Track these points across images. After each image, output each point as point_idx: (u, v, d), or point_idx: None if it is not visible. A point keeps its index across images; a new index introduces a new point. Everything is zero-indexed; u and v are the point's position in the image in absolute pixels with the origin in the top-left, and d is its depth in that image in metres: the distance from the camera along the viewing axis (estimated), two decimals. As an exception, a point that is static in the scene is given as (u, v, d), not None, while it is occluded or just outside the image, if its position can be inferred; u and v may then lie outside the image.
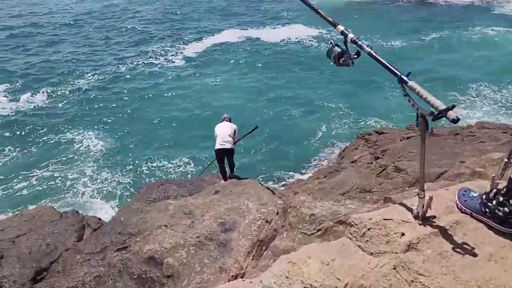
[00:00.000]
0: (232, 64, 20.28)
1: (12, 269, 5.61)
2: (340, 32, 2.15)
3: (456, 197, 2.17)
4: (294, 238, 4.60)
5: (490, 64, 18.74)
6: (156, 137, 13.74)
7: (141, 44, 23.74)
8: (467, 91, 16.03)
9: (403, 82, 1.86)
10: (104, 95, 17.16)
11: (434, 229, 1.99)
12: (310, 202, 5.04)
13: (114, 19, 30.13)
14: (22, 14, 32.08)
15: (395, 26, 25.68)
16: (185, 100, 16.42)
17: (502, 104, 15.12)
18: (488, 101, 15.40)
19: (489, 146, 6.99)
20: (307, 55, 20.92)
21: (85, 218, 7.24)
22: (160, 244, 5.41)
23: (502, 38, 22.49)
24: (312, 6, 2.26)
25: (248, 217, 5.77)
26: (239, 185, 7.02)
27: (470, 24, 25.36)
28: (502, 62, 18.89)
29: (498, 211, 1.88)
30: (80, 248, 5.93)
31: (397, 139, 8.53)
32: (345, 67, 2.25)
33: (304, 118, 14.50)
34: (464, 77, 17.34)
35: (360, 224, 2.21)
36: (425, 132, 1.86)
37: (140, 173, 11.73)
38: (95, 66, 20.45)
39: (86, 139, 13.77)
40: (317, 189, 6.84)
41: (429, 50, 21.28)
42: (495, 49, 20.86)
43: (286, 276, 2.13)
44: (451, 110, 1.66)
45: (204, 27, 27.17)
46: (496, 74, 17.36)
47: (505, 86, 16.37)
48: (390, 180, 6.55)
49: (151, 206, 6.63)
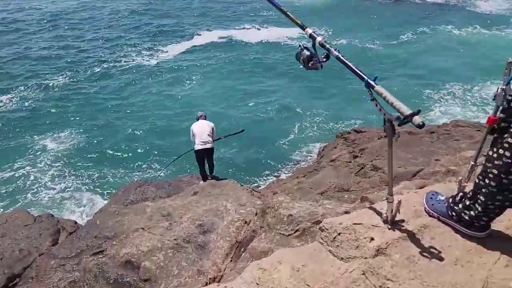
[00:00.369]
0: (209, 66, 20.07)
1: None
2: (309, 35, 2.13)
3: (424, 201, 2.18)
4: (272, 239, 4.60)
5: (463, 63, 19.09)
6: (132, 138, 13.50)
7: (116, 44, 23.20)
8: (441, 90, 16.33)
9: (370, 87, 1.86)
10: (77, 95, 16.78)
11: (402, 234, 2.00)
12: (288, 202, 5.04)
13: (90, 17, 29.39)
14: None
15: (370, 25, 25.81)
16: (161, 101, 16.23)
17: (475, 102, 15.46)
18: (462, 99, 15.73)
19: (463, 144, 7.13)
20: (286, 57, 20.83)
21: (60, 221, 7.08)
22: (137, 247, 5.32)
23: (475, 38, 22.95)
24: (280, 8, 2.23)
25: (227, 219, 5.74)
26: (218, 186, 6.98)
27: (444, 23, 25.72)
28: (475, 61, 19.28)
29: (464, 215, 1.89)
30: (55, 253, 5.79)
31: (375, 137, 8.62)
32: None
33: (282, 119, 14.52)
34: (439, 76, 17.65)
35: (331, 229, 2.20)
36: (392, 137, 1.85)
37: (117, 175, 11.52)
38: (68, 65, 19.94)
39: (60, 140, 13.45)
40: (296, 188, 6.85)
41: (404, 50, 21.51)
42: (468, 48, 21.26)
43: (256, 283, 2.11)
44: (416, 115, 1.66)
45: (181, 28, 26.71)
46: (469, 73, 17.73)
47: (478, 84, 16.75)
48: (367, 179, 6.61)
49: (128, 208, 6.52)
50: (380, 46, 22.13)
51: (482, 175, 1.79)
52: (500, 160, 1.68)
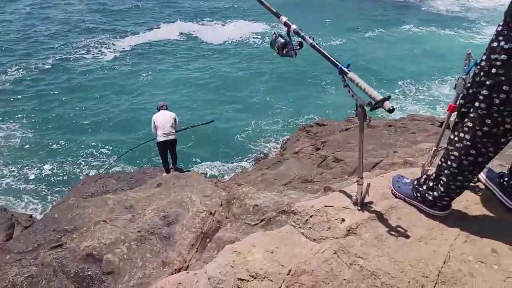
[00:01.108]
0: (169, 60, 19.61)
1: None
2: (283, 23, 2.17)
3: (390, 184, 2.30)
4: (238, 229, 4.64)
5: (416, 62, 19.93)
6: (90, 131, 13.04)
7: (72, 36, 22.13)
8: (396, 87, 17.03)
9: (343, 73, 1.93)
10: (30, 88, 15.92)
11: (371, 214, 2.10)
12: (253, 193, 5.10)
13: (44, 7, 27.92)
14: None
15: (330, 21, 26.27)
16: (118, 93, 15.74)
17: (427, 99, 16.25)
18: (415, 97, 16.48)
19: (418, 137, 7.49)
20: (250, 51, 20.84)
21: (14, 215, 6.76)
22: (99, 240, 5.19)
23: (429, 37, 24.04)
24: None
25: (192, 210, 5.71)
26: (182, 178, 6.92)
27: (402, 21, 26.61)
28: (427, 60, 20.21)
29: (428, 195, 2.02)
30: (10, 248, 5.53)
31: (337, 130, 8.86)
32: (288, 58, 2.28)
33: (246, 112, 14.55)
34: (394, 73, 18.35)
35: (303, 212, 2.27)
36: (363, 122, 1.94)
37: (74, 168, 11.09)
38: (19, 57, 18.88)
39: (10, 133, 12.77)
40: (260, 180, 6.92)
41: (362, 46, 22.12)
42: (422, 47, 22.17)
43: (231, 266, 2.14)
44: (387, 100, 1.75)
45: (141, 20, 25.80)
46: (422, 72, 18.58)
47: (430, 82, 17.61)
48: (330, 170, 6.80)
49: (89, 201, 6.33)
50: (338, 41, 22.62)
51: (444, 158, 1.91)
52: (461, 143, 1.80)
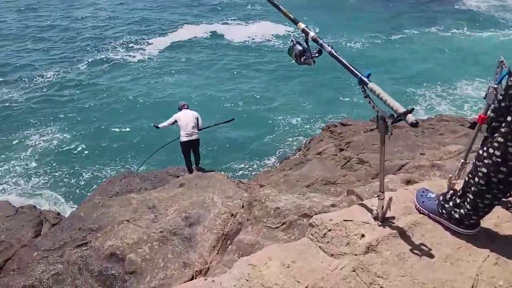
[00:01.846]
0: (195, 60, 19.84)
1: (-38, 269, 5.31)
2: (301, 30, 2.10)
3: (414, 198, 2.19)
4: (259, 232, 4.60)
5: (447, 63, 19.36)
6: (118, 132, 13.43)
7: (101, 39, 22.64)
8: (424, 88, 16.60)
9: (363, 84, 1.84)
10: (63, 91, 16.48)
11: (393, 230, 2.00)
12: (275, 195, 5.04)
13: (72, 11, 28.50)
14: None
15: (355, 23, 25.73)
16: (146, 95, 16.09)
17: (457, 101, 15.73)
18: (445, 97, 16.00)
19: (447, 139, 7.24)
20: (273, 53, 20.76)
21: (43, 213, 6.95)
22: (122, 239, 5.26)
23: (461, 38, 23.23)
24: (273, 2, 2.19)
25: (213, 211, 5.71)
26: (205, 178, 6.93)
27: (431, 22, 25.87)
28: (458, 61, 19.57)
29: (455, 213, 1.91)
30: (37, 245, 5.68)
31: (361, 131, 8.68)
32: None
33: (270, 112, 14.54)
34: (423, 74, 17.92)
35: (321, 225, 2.19)
36: (384, 134, 1.85)
37: (101, 167, 11.37)
38: (53, 62, 19.44)
39: (45, 135, 13.27)
40: (282, 181, 6.86)
41: (390, 49, 21.63)
42: (452, 48, 21.49)
43: (246, 279, 2.09)
44: (410, 113, 1.65)
45: (167, 21, 26.13)
46: (452, 73, 18.01)
47: (460, 84, 17.05)
48: (353, 172, 6.66)
49: (113, 200, 6.43)
50: (365, 44, 22.20)
51: (472, 174, 1.80)
52: (490, 159, 1.69)
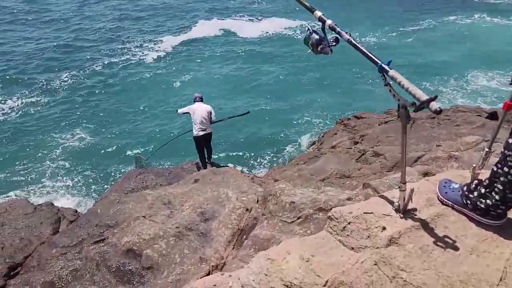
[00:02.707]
0: (208, 56, 19.88)
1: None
2: (318, 18, 2.04)
3: (437, 189, 2.13)
4: (275, 226, 4.58)
5: (465, 54, 19.04)
6: (132, 129, 13.59)
7: (115, 40, 22.65)
8: (442, 80, 16.36)
9: (383, 71, 1.78)
10: (79, 93, 16.62)
11: (415, 223, 1.95)
12: (290, 189, 5.01)
13: (82, 13, 28.51)
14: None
15: (372, 15, 25.49)
16: (163, 93, 16.22)
17: (475, 91, 15.44)
18: (462, 88, 15.73)
19: (463, 130, 7.09)
20: (285, 47, 20.65)
21: (61, 210, 7.03)
22: (139, 235, 5.29)
23: (480, 27, 22.76)
24: (289, -9, 2.14)
25: (228, 206, 5.70)
26: (219, 174, 6.93)
27: (450, 12, 25.40)
28: (477, 51, 19.21)
29: (480, 203, 1.84)
30: (56, 242, 5.75)
31: (376, 123, 8.57)
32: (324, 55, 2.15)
33: (283, 106, 14.53)
34: (440, 66, 17.65)
35: (340, 218, 2.15)
36: (406, 123, 1.79)
37: (117, 164, 11.50)
38: (69, 65, 19.51)
39: (61, 134, 13.47)
40: (297, 175, 6.81)
41: (409, 40, 21.36)
42: (471, 38, 21.11)
43: (265, 274, 2.06)
44: (433, 100, 1.59)
45: (180, 18, 26.10)
46: (471, 63, 17.71)
47: (479, 74, 16.73)
48: (368, 165, 6.58)
49: (129, 196, 6.47)
50: (380, 37, 21.91)
51: (500, 163, 1.73)
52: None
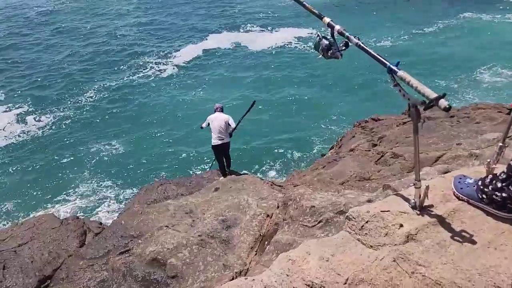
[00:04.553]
0: (224, 68, 20.16)
1: (16, 279, 5.61)
2: (327, 24, 2.11)
3: (452, 185, 2.15)
4: (296, 231, 4.61)
5: (481, 51, 18.75)
6: (153, 142, 13.91)
7: (133, 56, 23.14)
8: (457, 76, 16.16)
9: (392, 72, 1.83)
10: (100, 107, 17.14)
11: (432, 219, 1.98)
12: (309, 194, 5.04)
13: (98, 27, 29.31)
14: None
15: (385, 19, 25.34)
16: (181, 105, 16.55)
17: (495, 86, 15.18)
18: (481, 84, 15.48)
19: (484, 127, 6.98)
20: (298, 56, 20.76)
21: (86, 223, 7.22)
22: (163, 245, 5.40)
23: (497, 24, 22.34)
24: (298, 0, 2.22)
25: (249, 213, 5.77)
26: (238, 181, 7.01)
27: (472, 10, 25.00)
28: (494, 48, 18.89)
29: (496, 197, 1.86)
30: (83, 254, 5.92)
31: (394, 125, 8.51)
32: (334, 59, 2.21)
33: (299, 113, 14.63)
34: (454, 63, 17.49)
35: (358, 218, 2.19)
36: (417, 122, 1.83)
37: (138, 175, 11.75)
38: (88, 82, 20.06)
39: (84, 148, 13.89)
40: (316, 180, 6.82)
41: (421, 42, 21.17)
42: (486, 35, 20.77)
43: (286, 274, 2.12)
44: (442, 98, 1.63)
45: (192, 32, 26.56)
46: (489, 60, 17.40)
47: (493, 69, 16.46)
48: (388, 167, 6.54)
49: (151, 207, 6.61)
50: (392, 41, 21.77)
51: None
52: None
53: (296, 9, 26.04)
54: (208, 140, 9.06)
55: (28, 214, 10.31)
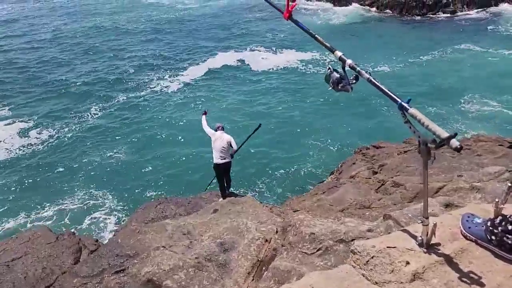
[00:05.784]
0: (229, 88, 20.30)
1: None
2: (338, 58, 2.14)
3: (460, 223, 2.13)
4: (294, 258, 4.55)
5: (482, 82, 18.99)
6: (154, 159, 13.88)
7: (139, 74, 23.29)
8: (460, 108, 16.34)
9: (403, 109, 1.85)
10: (103, 124, 17.19)
11: (439, 257, 1.95)
12: (309, 220, 5.00)
13: (104, 46, 29.56)
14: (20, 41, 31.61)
15: (390, 45, 25.74)
16: (183, 124, 16.57)
17: (496, 119, 15.32)
18: (481, 117, 15.63)
19: (485, 160, 7.00)
20: (302, 78, 20.94)
21: (82, 239, 7.13)
22: (159, 266, 5.32)
23: (496, 57, 22.72)
24: (310, 32, 2.25)
25: (247, 237, 5.70)
26: (237, 204, 6.96)
27: (468, 41, 25.49)
28: (495, 80, 19.16)
29: (507, 239, 1.84)
30: (77, 271, 5.82)
31: (395, 153, 8.53)
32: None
33: (300, 136, 14.64)
34: (457, 94, 17.66)
35: (363, 252, 2.17)
36: (427, 160, 1.83)
37: (137, 193, 11.68)
38: (92, 97, 20.17)
39: (84, 162, 13.87)
40: (316, 206, 6.79)
41: (428, 68, 21.48)
42: (487, 68, 21.10)
43: (289, 307, 2.08)
44: (453, 138, 1.64)
45: (198, 50, 26.88)
46: (489, 92, 17.64)
47: (496, 101, 16.69)
48: (389, 196, 6.52)
49: (149, 226, 6.54)
50: (394, 67, 22.07)
51: None
52: None
53: (302, 34, 26.34)
54: (208, 159, 9.05)
55: (24, 227, 10.20)
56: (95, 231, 9.95)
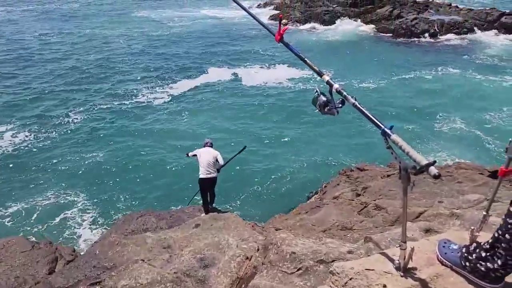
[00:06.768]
0: (217, 104, 20.34)
1: (-23, 303, 5.33)
2: (326, 82, 2.20)
3: (436, 249, 2.18)
4: (274, 276, 4.54)
5: (464, 107, 19.44)
6: (137, 170, 13.72)
7: (127, 84, 23.24)
8: (441, 132, 16.70)
9: (386, 135, 1.90)
10: (91, 131, 17.03)
11: (415, 282, 1.99)
12: (291, 239, 5.01)
13: (99, 56, 29.49)
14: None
15: (376, 65, 26.33)
16: (168, 136, 16.49)
17: (476, 145, 15.68)
18: (463, 142, 15.97)
19: (465, 187, 7.14)
20: (290, 97, 21.16)
21: (59, 249, 6.98)
22: (136, 279, 5.22)
23: (479, 83, 23.39)
24: (300, 55, 2.32)
25: (228, 253, 5.67)
26: (220, 219, 6.93)
27: (452, 66, 26.26)
28: (475, 105, 19.67)
29: (480, 266, 1.89)
30: (51, 282, 5.68)
31: (378, 176, 8.64)
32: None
33: (285, 156, 14.67)
34: (438, 117, 18.06)
35: (342, 274, 2.19)
36: (407, 185, 1.89)
37: (119, 204, 11.51)
38: (81, 106, 19.96)
39: (63, 169, 13.66)
40: (298, 225, 6.80)
41: (406, 90, 21.99)
42: (467, 93, 21.71)
43: (266, 327, 2.08)
44: (432, 165, 1.70)
45: (190, 65, 26.98)
46: (469, 115, 18.11)
47: (477, 126, 17.13)
48: (370, 219, 6.58)
49: (129, 239, 6.45)
50: (377, 82, 22.53)
51: (502, 230, 1.80)
52: None
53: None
54: (194, 173, 9.02)
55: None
56: (73, 240, 9.72)
